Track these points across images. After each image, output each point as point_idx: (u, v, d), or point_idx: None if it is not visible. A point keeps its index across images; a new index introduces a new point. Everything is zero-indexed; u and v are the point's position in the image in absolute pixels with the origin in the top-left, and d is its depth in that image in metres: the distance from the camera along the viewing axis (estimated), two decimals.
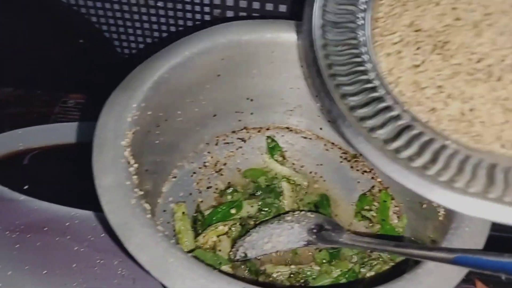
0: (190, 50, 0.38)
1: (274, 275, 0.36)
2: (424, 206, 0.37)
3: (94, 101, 0.55)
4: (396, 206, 0.42)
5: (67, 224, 0.45)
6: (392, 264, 0.37)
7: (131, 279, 0.42)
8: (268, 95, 0.45)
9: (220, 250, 0.38)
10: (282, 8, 0.47)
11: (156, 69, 0.36)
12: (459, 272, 0.28)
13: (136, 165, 0.31)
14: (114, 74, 0.38)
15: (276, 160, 0.45)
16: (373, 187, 0.44)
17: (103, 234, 0.45)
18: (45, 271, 0.42)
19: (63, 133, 0.52)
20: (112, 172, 0.29)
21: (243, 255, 0.36)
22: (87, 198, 0.45)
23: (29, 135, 0.52)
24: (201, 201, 0.42)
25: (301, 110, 0.46)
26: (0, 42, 0.54)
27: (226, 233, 0.38)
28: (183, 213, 0.39)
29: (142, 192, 0.29)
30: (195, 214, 0.41)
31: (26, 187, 0.48)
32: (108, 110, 0.33)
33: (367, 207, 0.42)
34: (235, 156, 0.45)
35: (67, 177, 0.49)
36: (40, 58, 0.55)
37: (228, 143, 0.46)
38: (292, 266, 0.37)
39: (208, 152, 0.45)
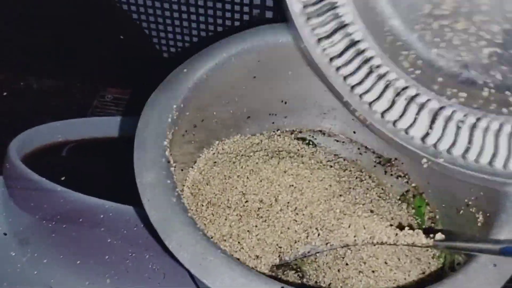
0: (227, 52, 0.39)
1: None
2: (461, 212, 0.37)
3: (131, 96, 0.56)
4: (430, 212, 0.42)
5: (101, 216, 0.46)
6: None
7: (161, 274, 0.43)
8: (302, 97, 0.45)
9: None
10: None
11: (195, 71, 0.37)
12: (500, 279, 0.28)
13: (174, 164, 0.32)
14: (152, 71, 0.39)
15: None
16: (407, 191, 0.44)
17: (136, 228, 0.46)
18: (79, 261, 0.44)
19: (100, 127, 0.54)
20: (153, 170, 0.30)
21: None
22: (122, 191, 0.47)
23: (68, 127, 0.53)
24: None
25: (334, 113, 0.46)
26: (42, 35, 0.56)
27: None
28: None
29: (181, 191, 0.30)
30: None
31: (63, 178, 0.49)
32: (149, 110, 0.34)
33: None
34: None
35: (103, 170, 0.51)
36: (81, 52, 0.56)
37: None
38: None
39: None
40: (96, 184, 0.49)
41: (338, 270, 0.35)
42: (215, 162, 0.40)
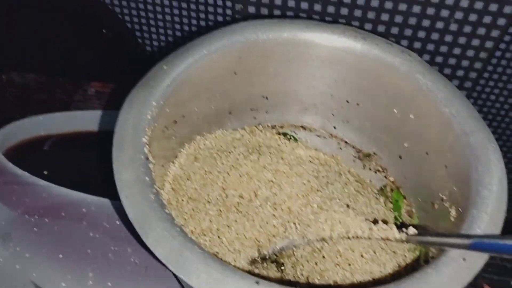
0: (208, 48, 0.39)
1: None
2: (436, 206, 0.38)
3: (114, 90, 0.56)
4: (407, 206, 0.43)
5: (83, 210, 0.47)
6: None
7: (143, 267, 0.44)
8: (283, 93, 0.46)
9: None
10: (304, 5, 0.47)
11: (175, 67, 0.37)
12: (470, 273, 0.28)
13: (153, 161, 0.32)
14: (135, 65, 0.39)
15: None
16: (385, 186, 0.44)
17: (118, 222, 0.46)
18: (61, 255, 0.44)
19: (83, 120, 0.54)
20: (132, 167, 0.30)
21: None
22: (104, 185, 0.48)
23: (50, 121, 0.54)
24: None
25: (315, 109, 0.47)
26: (25, 29, 0.55)
27: None
28: None
29: (162, 187, 0.30)
30: None
31: (45, 172, 0.49)
32: (128, 107, 0.34)
33: None
34: None
35: (86, 164, 0.51)
36: (63, 46, 0.56)
37: None
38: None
39: None
40: (78, 178, 0.49)
41: (316, 263, 0.36)
42: (196, 157, 0.41)
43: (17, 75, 0.57)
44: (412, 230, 0.33)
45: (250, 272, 0.35)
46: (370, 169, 0.46)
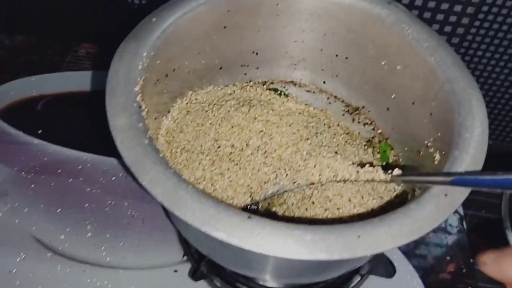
0: (196, 1, 0.39)
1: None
2: (421, 153, 0.39)
3: (104, 50, 0.56)
4: (394, 156, 0.44)
5: (79, 167, 0.48)
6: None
7: (140, 219, 0.45)
8: (272, 48, 0.46)
9: None
10: None
11: (164, 20, 0.37)
12: (450, 208, 0.30)
13: (146, 109, 0.33)
14: (124, 24, 0.39)
15: None
16: (373, 137, 0.46)
17: (114, 178, 0.47)
18: (59, 209, 0.45)
19: (75, 81, 0.54)
20: (125, 115, 0.31)
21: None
22: (99, 143, 0.48)
23: (42, 82, 0.54)
24: None
25: (305, 64, 0.47)
26: None
27: None
28: None
29: (156, 139, 0.31)
30: None
31: (40, 131, 0.50)
32: (119, 57, 0.34)
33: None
34: None
35: (79, 123, 0.52)
36: (52, 7, 0.56)
37: None
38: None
39: None
40: (73, 137, 0.50)
41: (306, 209, 0.38)
42: (188, 111, 0.41)
43: (6, 37, 0.57)
44: (396, 171, 0.34)
45: None
46: (358, 122, 0.47)
